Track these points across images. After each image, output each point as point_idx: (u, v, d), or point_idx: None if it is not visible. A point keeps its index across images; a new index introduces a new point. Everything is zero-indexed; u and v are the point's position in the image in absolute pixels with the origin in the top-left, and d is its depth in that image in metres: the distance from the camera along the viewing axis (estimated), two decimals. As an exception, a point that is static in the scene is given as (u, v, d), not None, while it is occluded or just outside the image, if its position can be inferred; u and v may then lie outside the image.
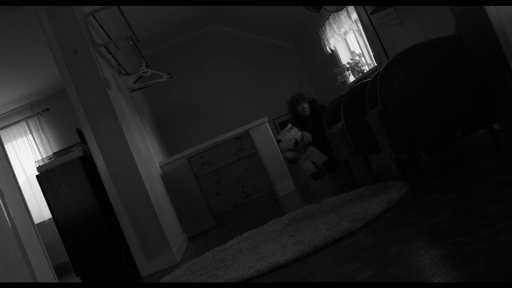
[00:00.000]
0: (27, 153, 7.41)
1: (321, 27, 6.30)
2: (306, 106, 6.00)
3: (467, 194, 2.04)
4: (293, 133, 5.41)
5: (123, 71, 4.96)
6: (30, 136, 7.45)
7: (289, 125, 5.49)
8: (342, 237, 2.23)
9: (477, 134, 3.54)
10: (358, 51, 6.06)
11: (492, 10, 2.36)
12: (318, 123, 5.74)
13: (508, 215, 1.55)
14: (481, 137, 3.42)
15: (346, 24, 5.63)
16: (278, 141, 5.51)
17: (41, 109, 7.46)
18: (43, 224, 6.97)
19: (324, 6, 4.81)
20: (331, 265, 1.84)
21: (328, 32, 6.16)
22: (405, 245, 1.67)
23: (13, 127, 7.42)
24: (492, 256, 1.26)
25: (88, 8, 4.32)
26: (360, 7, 5.11)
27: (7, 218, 2.11)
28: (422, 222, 1.91)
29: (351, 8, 5.43)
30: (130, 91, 5.07)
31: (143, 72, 4.86)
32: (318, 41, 6.64)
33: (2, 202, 2.10)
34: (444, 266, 1.34)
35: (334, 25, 5.88)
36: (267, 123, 5.67)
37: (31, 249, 2.21)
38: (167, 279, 2.91)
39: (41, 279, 2.15)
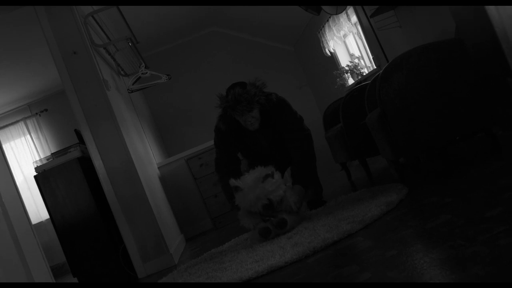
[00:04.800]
0: (25, 153, 7.41)
1: (321, 29, 6.31)
2: (256, 113, 3.30)
3: (466, 197, 2.04)
4: (268, 184, 2.80)
5: (122, 72, 4.95)
6: (28, 136, 7.44)
7: (267, 168, 2.91)
8: (341, 239, 2.22)
9: (477, 137, 3.54)
10: (357, 53, 6.06)
11: (493, 13, 2.36)
12: (274, 129, 3.43)
13: (507, 219, 1.54)
14: (481, 140, 3.42)
15: (346, 27, 5.63)
16: (236, 189, 2.91)
17: (39, 110, 7.46)
18: (40, 224, 6.96)
19: (324, 9, 4.81)
20: (330, 267, 1.84)
21: (327, 35, 6.16)
22: (404, 248, 1.67)
23: (11, 128, 7.42)
24: (491, 260, 1.26)
25: (87, 9, 4.31)
26: (360, 10, 5.11)
27: (4, 219, 2.10)
28: (420, 225, 1.91)
29: (350, 11, 5.44)
30: (129, 92, 5.06)
31: (142, 73, 4.85)
32: (317, 44, 6.64)
33: (-1, 202, 2.10)
34: (443, 270, 1.33)
35: (333, 28, 5.88)
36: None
37: (28, 249, 2.20)
38: (164, 280, 2.90)
39: (38, 279, 2.15)
